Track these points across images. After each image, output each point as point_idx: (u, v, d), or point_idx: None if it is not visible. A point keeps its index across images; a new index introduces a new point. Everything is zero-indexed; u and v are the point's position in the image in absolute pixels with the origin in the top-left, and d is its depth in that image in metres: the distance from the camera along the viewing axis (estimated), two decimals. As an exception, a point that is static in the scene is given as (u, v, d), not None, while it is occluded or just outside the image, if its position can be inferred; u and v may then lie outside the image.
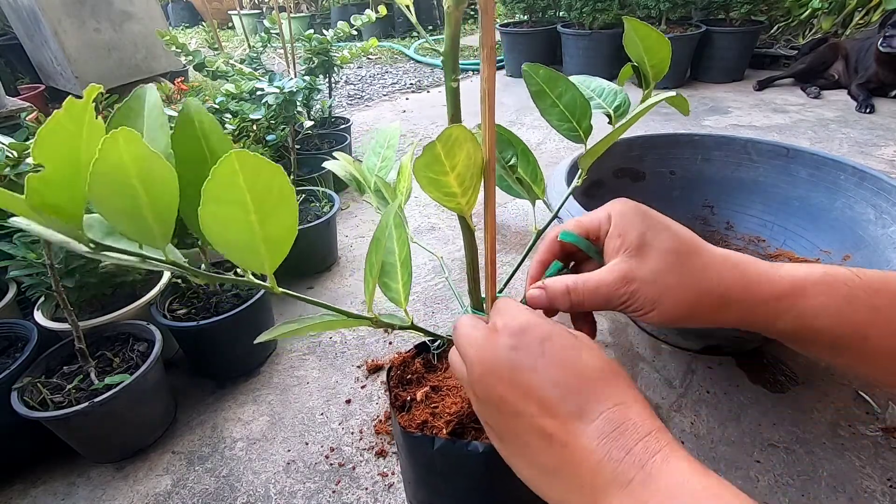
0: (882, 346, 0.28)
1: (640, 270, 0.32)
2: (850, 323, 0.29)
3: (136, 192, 0.24)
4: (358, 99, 2.71)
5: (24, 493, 0.72)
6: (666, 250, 0.32)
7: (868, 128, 1.79)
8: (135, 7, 2.09)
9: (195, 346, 0.88)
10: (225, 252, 0.27)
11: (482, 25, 0.30)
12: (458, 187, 0.32)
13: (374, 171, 0.48)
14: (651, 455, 0.24)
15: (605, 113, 0.44)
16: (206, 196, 0.23)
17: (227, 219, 0.25)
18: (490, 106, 0.31)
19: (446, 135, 0.29)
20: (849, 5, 2.44)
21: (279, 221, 0.26)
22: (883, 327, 0.28)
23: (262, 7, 4.66)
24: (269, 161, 0.24)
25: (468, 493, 0.50)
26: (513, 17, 3.25)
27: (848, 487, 0.65)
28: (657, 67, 0.41)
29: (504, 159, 0.45)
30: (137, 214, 0.25)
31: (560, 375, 0.27)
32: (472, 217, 0.36)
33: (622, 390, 0.27)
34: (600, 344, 0.92)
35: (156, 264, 0.28)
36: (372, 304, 0.36)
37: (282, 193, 0.25)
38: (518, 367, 0.27)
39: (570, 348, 0.28)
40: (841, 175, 0.88)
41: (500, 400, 0.28)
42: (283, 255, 0.29)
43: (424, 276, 1.15)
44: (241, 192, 0.23)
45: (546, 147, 1.84)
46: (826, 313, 0.29)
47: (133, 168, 0.23)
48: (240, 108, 1.25)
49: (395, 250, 0.45)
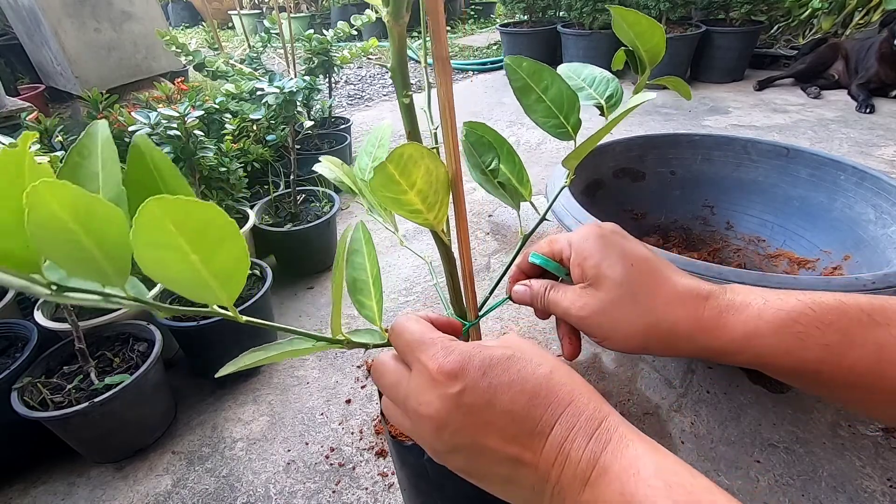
0: (834, 380, 0.29)
1: (592, 300, 0.33)
2: (802, 361, 0.29)
3: (77, 236, 0.23)
4: (358, 99, 2.71)
5: (24, 493, 0.72)
6: (618, 283, 0.33)
7: (868, 128, 1.79)
8: (135, 7, 2.09)
9: (195, 346, 0.88)
10: (175, 290, 0.26)
11: (433, 38, 0.28)
12: (422, 204, 0.31)
13: (365, 172, 0.48)
14: (603, 447, 0.24)
15: (597, 104, 0.41)
16: (137, 241, 0.22)
17: (165, 261, 0.24)
18: (450, 119, 0.30)
19: (398, 154, 0.27)
20: (849, 5, 2.44)
21: (226, 255, 0.25)
22: (833, 364, 0.29)
23: (262, 7, 4.66)
24: (198, 201, 0.22)
25: (461, 501, 0.50)
26: (513, 17, 3.25)
27: (848, 487, 0.65)
28: (651, 52, 0.38)
29: (484, 164, 0.43)
30: (85, 258, 0.24)
31: (509, 401, 0.26)
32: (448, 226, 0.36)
33: (568, 389, 0.27)
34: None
35: (119, 301, 0.28)
36: (339, 324, 0.34)
37: (222, 229, 0.24)
38: (471, 411, 0.26)
39: (510, 368, 0.27)
40: (841, 175, 0.88)
41: (462, 447, 0.27)
42: (239, 286, 0.27)
43: (424, 276, 1.15)
44: (173, 237, 0.23)
45: (546, 147, 1.84)
46: (778, 353, 0.29)
47: (68, 214, 0.22)
48: (240, 108, 1.26)
49: (367, 267, 0.43)
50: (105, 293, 0.27)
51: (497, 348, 0.28)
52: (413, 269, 1.18)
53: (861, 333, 0.28)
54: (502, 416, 0.26)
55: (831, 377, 0.29)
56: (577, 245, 0.35)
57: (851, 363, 0.28)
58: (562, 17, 2.83)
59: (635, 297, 0.32)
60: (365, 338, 0.38)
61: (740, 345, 0.30)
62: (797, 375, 0.30)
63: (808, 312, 0.29)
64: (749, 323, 0.30)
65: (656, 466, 0.23)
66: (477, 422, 0.26)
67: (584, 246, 0.35)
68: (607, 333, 0.33)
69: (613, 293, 0.33)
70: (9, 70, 2.27)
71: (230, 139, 1.15)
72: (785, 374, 0.31)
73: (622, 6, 0.39)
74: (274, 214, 1.18)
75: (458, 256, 0.37)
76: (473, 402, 0.26)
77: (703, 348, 0.31)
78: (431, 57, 0.31)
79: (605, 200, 1.03)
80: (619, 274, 0.33)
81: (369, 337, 0.39)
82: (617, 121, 0.36)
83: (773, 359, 0.30)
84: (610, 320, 0.33)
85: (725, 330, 0.31)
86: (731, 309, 0.31)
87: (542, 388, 0.26)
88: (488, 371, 0.27)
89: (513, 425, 0.26)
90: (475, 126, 0.42)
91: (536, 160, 1.74)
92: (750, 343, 0.30)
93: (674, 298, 0.32)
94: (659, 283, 0.33)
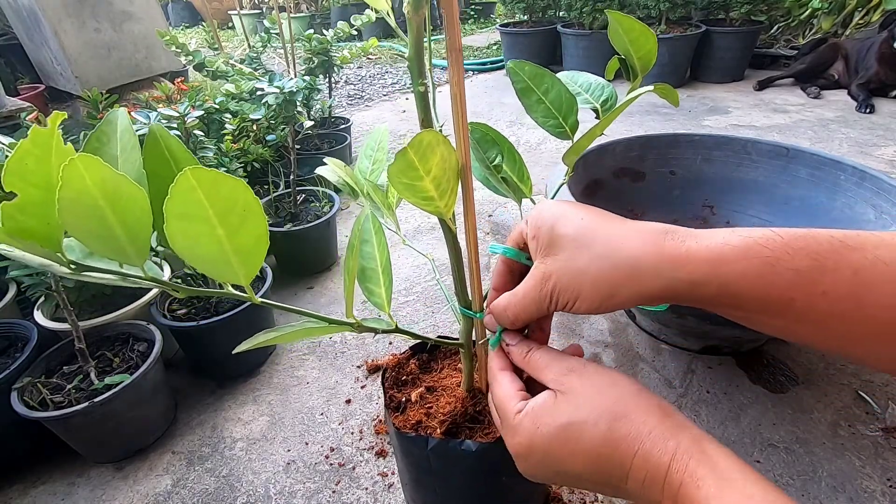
0: (809, 310, 0.27)
1: (553, 264, 0.32)
2: (773, 287, 0.28)
3: (105, 213, 0.24)
4: (358, 99, 2.71)
5: (24, 493, 0.72)
6: (572, 238, 0.32)
7: (868, 128, 1.79)
8: (135, 7, 2.09)
9: (195, 346, 0.88)
10: (197, 266, 0.27)
11: (447, 29, 0.30)
12: (435, 191, 0.32)
13: (365, 175, 0.48)
14: (674, 496, 0.26)
15: (593, 108, 0.44)
16: (169, 213, 0.23)
17: (194, 234, 0.25)
18: (461, 109, 0.31)
19: (417, 140, 0.29)
20: (849, 5, 2.44)
21: (248, 231, 0.26)
22: (806, 291, 0.27)
23: (262, 7, 4.66)
24: (228, 175, 0.24)
25: (463, 492, 0.50)
26: (513, 16, 3.25)
27: (848, 487, 0.65)
28: (644, 59, 0.40)
29: (489, 159, 0.45)
30: (109, 235, 0.25)
31: (580, 468, 0.30)
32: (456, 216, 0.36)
33: (629, 441, 0.28)
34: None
35: (136, 281, 0.29)
36: (352, 308, 0.36)
37: (246, 204, 0.25)
38: (552, 476, 0.33)
39: (568, 441, 0.30)
40: (841, 175, 0.88)
41: (557, 476, 0.33)
42: (257, 265, 0.28)
43: (424, 276, 1.15)
44: (203, 208, 0.24)
45: (546, 147, 1.84)
46: (747, 279, 0.28)
47: (98, 191, 0.23)
48: (240, 108, 1.26)
49: (376, 256, 0.45)
50: (123, 272, 0.28)
51: (555, 414, 0.31)
52: (413, 269, 1.18)
53: (834, 258, 0.27)
54: (578, 479, 0.31)
55: (806, 306, 0.27)
56: (532, 218, 0.35)
57: (825, 289, 0.27)
58: (562, 17, 2.83)
59: (594, 241, 0.31)
60: (374, 324, 0.40)
61: (706, 273, 0.29)
62: (771, 308, 0.28)
63: (776, 238, 0.28)
64: (714, 249, 0.29)
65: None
66: (560, 479, 0.33)
67: (538, 216, 0.35)
68: (577, 291, 0.32)
69: (571, 247, 0.32)
70: (9, 70, 2.27)
71: (230, 139, 1.15)
72: (757, 306, 0.29)
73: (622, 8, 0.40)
74: (274, 214, 1.18)
75: (465, 245, 0.38)
76: (547, 473, 0.32)
77: (669, 282, 0.29)
78: (436, 55, 0.31)
79: (605, 200, 1.03)
80: (573, 226, 0.32)
81: (378, 324, 0.40)
82: (614, 115, 0.38)
83: (742, 287, 0.28)
84: (574, 274, 0.31)
85: (690, 257, 0.29)
86: (694, 237, 0.30)
87: (604, 449, 0.29)
88: (549, 451, 0.31)
89: (591, 484, 0.31)
90: (478, 125, 0.44)
91: (536, 160, 1.74)
92: (717, 271, 0.28)
93: (632, 234, 0.31)
94: (615, 225, 0.32)
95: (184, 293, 0.31)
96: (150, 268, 0.29)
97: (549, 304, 0.33)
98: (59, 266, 0.26)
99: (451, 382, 0.52)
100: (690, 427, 0.28)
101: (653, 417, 0.29)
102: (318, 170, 0.48)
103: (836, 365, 0.83)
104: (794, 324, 0.29)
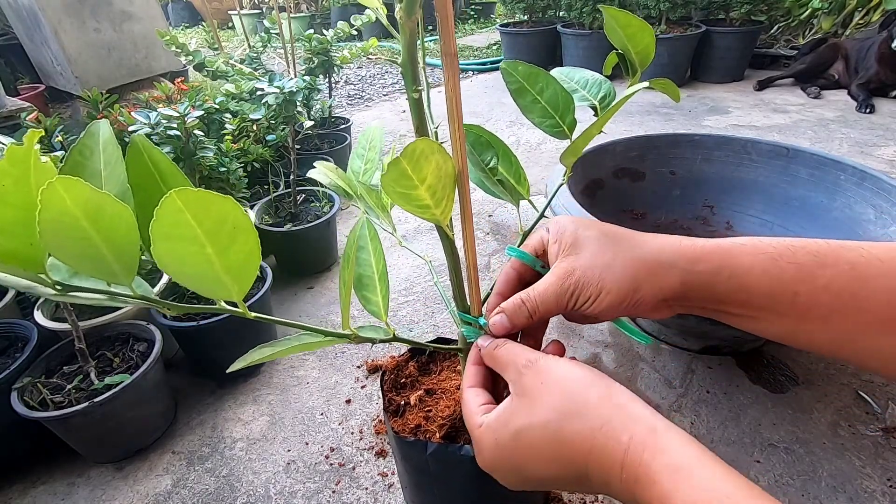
0: (813, 304, 0.30)
1: (578, 261, 0.34)
2: (779, 280, 0.30)
3: (89, 234, 0.23)
4: (358, 99, 2.71)
5: (24, 493, 0.72)
6: (596, 237, 0.35)
7: (868, 128, 1.79)
8: (135, 7, 2.08)
9: (195, 346, 0.88)
10: (187, 285, 0.26)
11: (441, 32, 0.29)
12: (431, 199, 0.31)
13: (358, 175, 0.48)
14: (632, 489, 0.26)
15: (591, 105, 0.43)
16: (155, 235, 0.22)
17: (182, 254, 0.24)
18: (458, 114, 0.31)
19: (410, 149, 0.28)
20: (849, 5, 2.44)
21: (239, 248, 0.25)
22: (808, 283, 0.30)
23: (262, 7, 4.66)
24: (214, 193, 0.23)
25: (462, 496, 0.50)
26: (513, 16, 3.25)
27: (848, 487, 0.65)
28: (642, 54, 0.40)
29: (483, 162, 0.44)
30: (95, 255, 0.24)
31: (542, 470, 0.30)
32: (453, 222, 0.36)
33: (581, 438, 0.28)
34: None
35: (125, 300, 0.28)
36: (348, 319, 0.35)
37: (236, 222, 0.24)
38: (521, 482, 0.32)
39: (519, 446, 0.30)
40: (841, 175, 0.88)
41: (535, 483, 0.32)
42: (250, 281, 0.28)
43: (424, 275, 1.15)
44: (191, 228, 0.23)
45: (546, 147, 1.84)
46: (755, 271, 0.31)
47: (80, 212, 0.22)
48: (240, 108, 1.26)
49: (372, 263, 0.44)
50: (111, 292, 0.27)
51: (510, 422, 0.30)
52: (413, 269, 1.18)
53: (832, 255, 0.30)
54: (555, 482, 0.30)
55: (809, 301, 0.30)
56: (554, 225, 0.37)
57: (826, 282, 0.29)
58: (562, 16, 2.83)
59: (619, 240, 0.34)
60: (371, 333, 0.39)
61: (718, 265, 0.32)
62: (777, 303, 0.31)
63: (780, 240, 0.32)
64: (724, 245, 0.32)
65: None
66: (540, 485, 0.32)
67: (560, 223, 0.37)
68: (600, 285, 0.33)
69: (596, 245, 0.34)
70: (9, 70, 2.27)
71: (230, 139, 1.15)
72: (765, 302, 0.31)
73: (621, 6, 0.39)
74: (274, 214, 1.18)
75: (462, 250, 0.37)
76: (524, 482, 0.32)
77: (686, 275, 0.32)
78: (431, 56, 0.31)
79: (605, 200, 1.03)
80: (597, 229, 0.35)
81: (375, 332, 0.40)
82: (611, 113, 0.37)
83: (750, 280, 0.31)
84: (599, 268, 0.33)
85: (704, 252, 0.32)
86: (708, 240, 0.34)
87: (559, 451, 0.29)
88: (512, 461, 0.31)
89: (568, 485, 0.30)
90: (471, 127, 0.43)
91: (536, 160, 1.74)
92: (726, 263, 0.32)
93: (651, 237, 0.35)
94: (635, 234, 0.35)
95: (175, 311, 0.30)
96: (140, 284, 0.28)
97: (570, 299, 0.34)
98: (43, 287, 0.25)
99: (451, 385, 0.51)
100: (647, 416, 0.27)
101: (605, 410, 0.28)
102: (310, 173, 0.48)
103: (836, 365, 0.83)
104: (800, 322, 0.31)
